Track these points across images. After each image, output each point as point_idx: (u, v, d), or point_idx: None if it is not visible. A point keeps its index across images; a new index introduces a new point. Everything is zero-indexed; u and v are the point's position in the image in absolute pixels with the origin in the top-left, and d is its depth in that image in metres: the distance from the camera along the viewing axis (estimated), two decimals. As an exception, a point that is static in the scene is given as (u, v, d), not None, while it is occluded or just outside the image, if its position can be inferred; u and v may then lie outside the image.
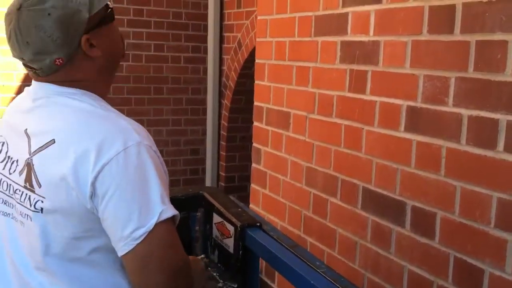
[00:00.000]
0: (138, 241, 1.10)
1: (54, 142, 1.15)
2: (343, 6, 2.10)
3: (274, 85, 2.60)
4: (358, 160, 2.02)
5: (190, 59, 5.34)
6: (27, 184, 1.18)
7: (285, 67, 2.49)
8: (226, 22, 5.11)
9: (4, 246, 1.28)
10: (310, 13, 2.29)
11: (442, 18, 1.66)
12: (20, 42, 1.16)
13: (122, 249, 1.12)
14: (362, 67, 2.00)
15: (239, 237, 1.67)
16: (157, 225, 1.10)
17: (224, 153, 5.23)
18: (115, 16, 1.28)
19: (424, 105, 1.73)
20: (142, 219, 1.10)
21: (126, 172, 1.11)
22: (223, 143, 5.25)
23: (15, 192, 1.22)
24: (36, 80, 1.24)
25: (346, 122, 2.09)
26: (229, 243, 1.73)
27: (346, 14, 2.08)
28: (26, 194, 1.18)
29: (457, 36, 1.61)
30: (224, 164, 5.23)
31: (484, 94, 1.53)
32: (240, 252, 1.68)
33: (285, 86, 2.50)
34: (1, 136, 1.31)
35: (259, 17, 2.75)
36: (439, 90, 1.67)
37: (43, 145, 1.16)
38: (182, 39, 5.29)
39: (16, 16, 1.15)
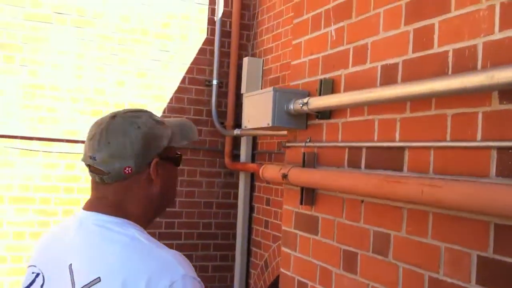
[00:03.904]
0: None
1: (100, 280, 1.13)
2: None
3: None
4: None
5: (217, 268, 5.43)
6: None
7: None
8: (253, 237, 5.24)
9: None
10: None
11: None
12: (102, 141, 1.23)
13: None
14: None
15: None
16: None
17: None
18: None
19: None
20: None
21: None
22: None
23: None
24: (87, 206, 1.26)
25: None
26: None
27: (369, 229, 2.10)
28: None
29: None
30: None
31: None
32: None
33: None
34: (34, 266, 1.27)
35: (283, 227, 2.79)
36: None
37: (88, 283, 1.14)
38: (211, 248, 5.42)
39: (107, 121, 1.26)
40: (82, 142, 1.35)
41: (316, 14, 2.63)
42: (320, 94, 2.44)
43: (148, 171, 1.26)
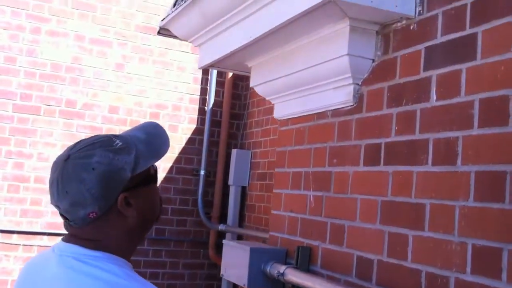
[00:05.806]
0: None
1: None
2: None
3: None
4: None
5: None
6: None
7: None
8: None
9: None
10: None
11: None
12: (60, 190, 1.16)
13: None
14: None
15: None
16: None
17: None
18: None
19: None
20: None
21: None
22: None
23: None
24: (66, 239, 1.21)
25: None
26: None
27: None
28: None
29: None
30: None
31: None
32: None
33: None
34: None
35: None
36: None
37: None
38: None
39: (62, 166, 1.17)
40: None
41: (296, 172, 2.62)
42: (297, 263, 2.41)
43: (117, 208, 1.18)
